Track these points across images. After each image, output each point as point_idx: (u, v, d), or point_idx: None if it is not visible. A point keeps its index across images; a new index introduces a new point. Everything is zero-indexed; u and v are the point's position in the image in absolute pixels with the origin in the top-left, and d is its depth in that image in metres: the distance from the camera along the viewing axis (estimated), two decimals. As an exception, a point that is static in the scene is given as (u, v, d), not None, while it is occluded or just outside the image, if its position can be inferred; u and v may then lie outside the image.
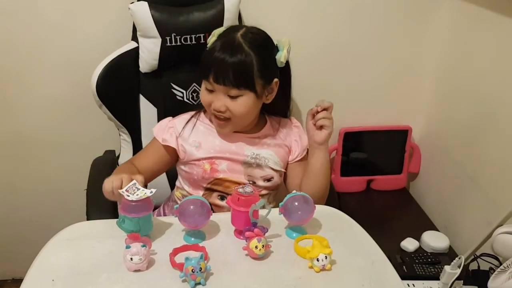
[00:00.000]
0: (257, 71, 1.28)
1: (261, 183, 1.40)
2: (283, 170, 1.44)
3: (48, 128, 1.85)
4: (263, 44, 1.33)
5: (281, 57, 1.34)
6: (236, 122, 1.35)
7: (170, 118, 1.45)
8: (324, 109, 1.32)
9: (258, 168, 1.39)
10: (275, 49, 1.36)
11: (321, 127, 1.33)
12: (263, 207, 1.09)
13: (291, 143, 1.46)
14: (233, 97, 1.29)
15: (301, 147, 1.45)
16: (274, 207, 1.15)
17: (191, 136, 1.39)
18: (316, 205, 1.14)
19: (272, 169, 1.41)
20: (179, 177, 1.46)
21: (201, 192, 1.40)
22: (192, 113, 1.45)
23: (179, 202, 1.25)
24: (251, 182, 1.39)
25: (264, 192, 1.41)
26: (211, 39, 1.34)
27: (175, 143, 1.38)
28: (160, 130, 1.41)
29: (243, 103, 1.30)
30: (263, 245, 1.03)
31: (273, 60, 1.34)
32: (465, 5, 1.74)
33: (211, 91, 1.31)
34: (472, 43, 1.73)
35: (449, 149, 1.88)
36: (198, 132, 1.40)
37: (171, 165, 1.44)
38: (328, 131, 1.33)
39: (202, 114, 1.44)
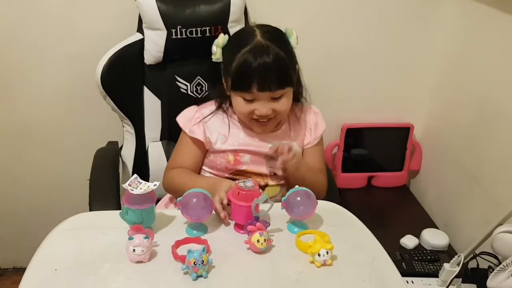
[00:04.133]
0: (289, 64, 1.32)
1: (281, 173, 1.42)
2: None
3: (51, 118, 1.85)
4: (281, 37, 1.36)
5: (293, 43, 1.37)
6: (278, 119, 1.38)
7: (195, 107, 1.46)
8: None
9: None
10: (287, 37, 1.38)
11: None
12: (266, 201, 1.09)
13: (306, 130, 1.48)
14: (276, 98, 1.31)
15: (313, 136, 1.47)
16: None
17: (218, 128, 1.41)
18: (318, 201, 1.14)
19: None
20: (203, 165, 1.47)
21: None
22: (216, 104, 1.45)
23: None
24: (272, 173, 1.41)
25: (283, 181, 1.43)
26: (218, 51, 1.37)
27: (202, 135, 1.40)
28: (186, 121, 1.43)
29: (287, 100, 1.34)
30: (265, 239, 1.03)
31: (292, 49, 1.36)
32: (469, 3, 1.74)
33: (250, 101, 1.31)
34: (475, 41, 1.73)
35: (450, 147, 1.88)
36: (225, 125, 1.42)
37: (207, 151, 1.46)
38: (292, 169, 1.35)
39: (230, 110, 1.44)
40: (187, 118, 1.44)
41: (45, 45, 1.73)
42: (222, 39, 1.37)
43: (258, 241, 1.03)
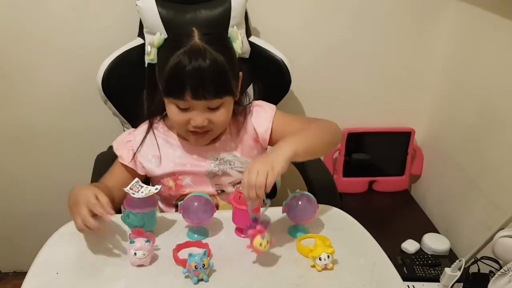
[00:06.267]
0: (229, 72, 1.17)
1: (231, 189, 1.30)
2: None
3: (53, 122, 1.86)
4: (223, 41, 1.23)
5: (237, 48, 1.24)
6: (217, 131, 1.25)
7: (131, 130, 1.36)
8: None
9: (225, 175, 1.30)
10: (230, 42, 1.26)
11: None
12: (262, 203, 1.07)
13: (253, 129, 1.32)
14: (213, 109, 1.18)
15: (262, 137, 1.31)
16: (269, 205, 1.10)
17: (150, 151, 1.30)
18: (319, 205, 1.14)
19: (240, 171, 1.30)
20: None
21: (173, 209, 1.33)
22: (146, 125, 1.33)
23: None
24: (218, 191, 1.31)
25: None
26: (152, 51, 1.22)
27: (133, 162, 1.29)
28: (119, 146, 1.31)
29: (225, 111, 1.20)
30: (267, 241, 1.01)
31: (234, 54, 1.23)
32: (470, 9, 1.74)
33: (185, 109, 1.18)
34: (476, 46, 1.73)
35: (452, 152, 1.88)
36: (156, 145, 1.30)
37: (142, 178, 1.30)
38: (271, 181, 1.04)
39: (158, 124, 1.33)
40: (120, 142, 1.32)
41: (47, 49, 1.73)
42: (158, 38, 1.22)
43: (260, 244, 1.01)
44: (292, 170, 1.63)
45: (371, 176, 2.10)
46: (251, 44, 1.64)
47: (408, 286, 1.56)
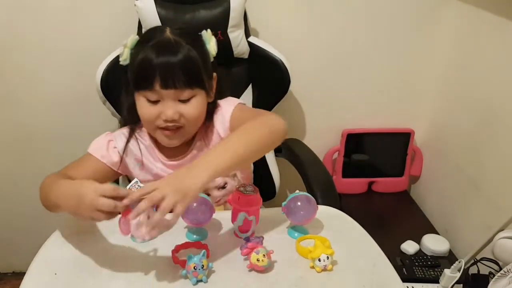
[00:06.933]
0: (202, 66, 1.15)
1: (216, 193, 1.24)
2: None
3: (52, 123, 1.86)
4: (196, 37, 1.22)
5: (211, 50, 1.23)
6: (188, 129, 1.21)
7: (108, 133, 1.30)
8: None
9: None
10: (203, 40, 1.24)
11: None
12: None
13: (217, 131, 1.28)
14: (184, 101, 1.15)
15: (223, 123, 1.26)
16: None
17: (132, 155, 1.28)
18: (319, 206, 1.14)
19: None
20: None
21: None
22: (128, 128, 1.30)
23: None
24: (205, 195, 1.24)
25: (223, 200, 1.25)
26: (125, 51, 1.19)
27: (117, 160, 1.25)
28: (99, 148, 1.26)
29: (197, 104, 1.17)
30: (264, 255, 1.00)
31: (207, 52, 1.22)
32: (471, 10, 1.74)
33: (155, 102, 1.15)
34: (476, 47, 1.73)
35: (451, 153, 1.88)
36: (138, 150, 1.28)
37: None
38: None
39: (141, 131, 1.29)
40: (100, 145, 1.27)
41: (46, 49, 1.73)
42: (131, 40, 1.20)
43: (258, 260, 0.99)
44: (292, 170, 1.63)
45: (371, 177, 2.10)
46: (250, 44, 1.63)
47: (407, 287, 1.56)
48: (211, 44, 1.23)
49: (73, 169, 1.22)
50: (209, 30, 1.25)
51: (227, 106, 1.27)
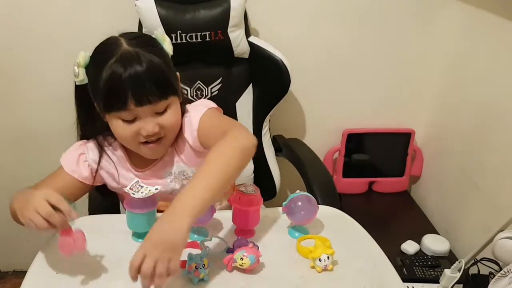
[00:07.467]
0: (168, 71, 1.11)
1: None
2: None
3: (53, 122, 1.85)
4: (152, 42, 1.16)
5: (168, 49, 1.18)
6: (170, 137, 1.17)
7: (81, 143, 1.26)
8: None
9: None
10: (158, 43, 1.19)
11: None
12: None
13: (187, 136, 1.21)
14: (161, 113, 1.11)
15: (190, 130, 1.20)
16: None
17: (105, 168, 1.24)
18: (320, 206, 1.14)
19: None
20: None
21: None
22: (100, 139, 1.24)
23: None
24: None
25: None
26: (80, 71, 1.14)
27: (87, 175, 1.22)
28: (69, 162, 1.23)
29: (173, 112, 1.13)
30: (241, 258, 0.98)
31: (167, 54, 1.16)
32: (470, 10, 1.74)
33: (131, 121, 1.10)
34: (477, 47, 1.73)
35: (451, 153, 1.88)
36: (112, 164, 1.24)
37: (80, 195, 1.25)
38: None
39: (113, 142, 1.24)
40: (71, 158, 1.24)
41: (46, 48, 1.73)
42: (82, 57, 1.13)
43: (240, 265, 0.99)
44: (292, 170, 1.63)
45: (371, 177, 2.10)
46: (250, 44, 1.64)
47: (407, 287, 1.56)
48: (166, 44, 1.18)
49: (46, 183, 1.21)
50: (160, 29, 1.21)
51: (196, 112, 1.20)
